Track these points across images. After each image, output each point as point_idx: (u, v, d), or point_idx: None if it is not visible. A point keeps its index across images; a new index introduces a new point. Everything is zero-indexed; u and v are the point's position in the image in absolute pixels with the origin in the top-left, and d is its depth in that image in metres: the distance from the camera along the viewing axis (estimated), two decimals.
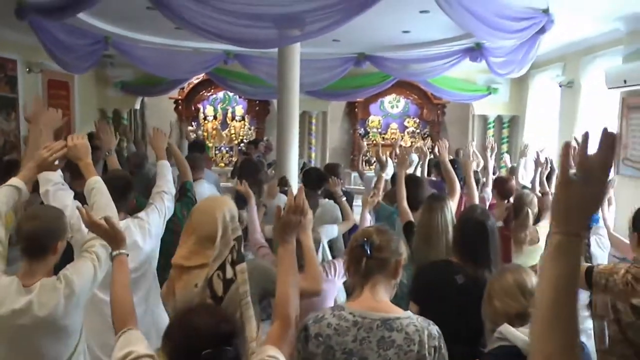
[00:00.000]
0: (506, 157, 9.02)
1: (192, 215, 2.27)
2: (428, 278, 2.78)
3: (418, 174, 5.86)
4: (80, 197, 2.94)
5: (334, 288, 3.36)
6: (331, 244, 4.70)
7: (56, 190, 2.94)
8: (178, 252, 2.22)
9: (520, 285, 2.18)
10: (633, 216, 2.85)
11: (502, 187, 5.05)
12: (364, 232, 2.23)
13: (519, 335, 2.02)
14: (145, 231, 3.20)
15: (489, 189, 5.56)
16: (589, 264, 2.80)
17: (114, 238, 2.29)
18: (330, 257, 4.18)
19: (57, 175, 2.99)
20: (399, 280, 2.21)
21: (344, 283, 3.46)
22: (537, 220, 4.32)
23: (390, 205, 4.57)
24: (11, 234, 2.54)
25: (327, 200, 5.10)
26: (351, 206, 5.59)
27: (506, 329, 2.07)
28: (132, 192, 3.37)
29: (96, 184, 2.76)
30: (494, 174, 6.41)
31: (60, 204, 2.85)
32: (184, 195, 4.03)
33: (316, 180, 5.36)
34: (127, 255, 2.30)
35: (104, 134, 4.26)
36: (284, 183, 5.98)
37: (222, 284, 2.13)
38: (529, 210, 4.17)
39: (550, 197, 4.50)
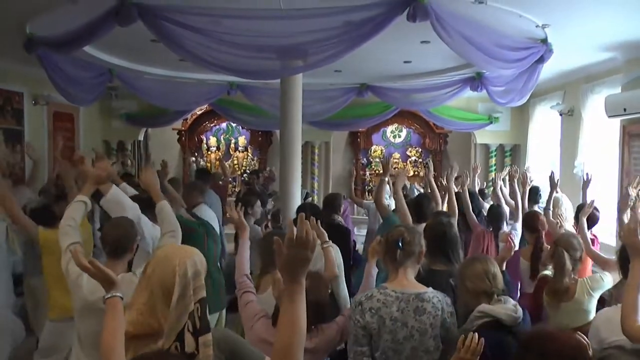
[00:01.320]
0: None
1: (147, 266, 2.01)
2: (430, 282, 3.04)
3: None
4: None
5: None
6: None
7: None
8: (126, 317, 1.94)
9: (487, 270, 2.83)
10: None
11: (530, 221, 4.84)
12: (398, 232, 2.85)
13: (499, 309, 2.69)
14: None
15: (518, 225, 5.06)
16: None
17: (103, 279, 2.18)
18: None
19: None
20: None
21: None
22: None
23: None
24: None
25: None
26: (348, 241, 5.47)
27: (484, 307, 2.72)
28: (134, 244, 3.32)
29: (164, 206, 3.38)
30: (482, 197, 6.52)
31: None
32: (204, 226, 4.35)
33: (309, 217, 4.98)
34: (122, 298, 2.13)
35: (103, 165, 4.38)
36: (276, 219, 5.93)
37: None
38: (564, 253, 3.59)
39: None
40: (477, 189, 6.78)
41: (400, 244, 2.78)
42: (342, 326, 2.98)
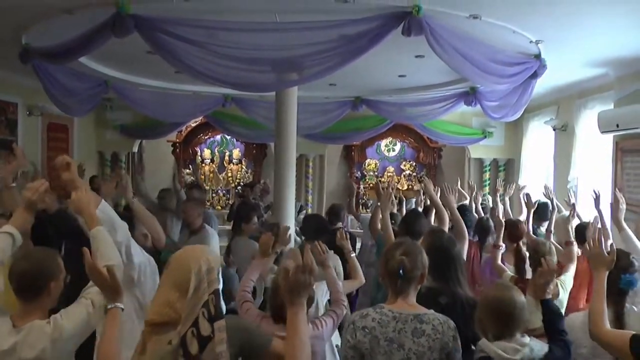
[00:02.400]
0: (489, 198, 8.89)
1: (167, 264, 2.23)
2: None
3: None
4: None
5: (321, 344, 3.28)
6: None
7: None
8: (151, 307, 2.16)
9: (501, 310, 2.61)
10: None
11: (511, 229, 4.86)
12: (397, 260, 2.61)
13: (492, 347, 2.53)
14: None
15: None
16: (635, 333, 2.57)
17: (111, 289, 2.23)
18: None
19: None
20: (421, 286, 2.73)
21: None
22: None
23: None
24: None
25: (332, 253, 4.50)
26: (354, 248, 5.55)
27: (483, 343, 2.59)
28: (50, 285, 2.66)
29: (98, 233, 2.68)
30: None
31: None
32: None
33: (315, 230, 4.96)
34: (122, 309, 2.23)
35: (104, 183, 4.14)
36: (252, 184, 5.94)
37: (196, 342, 2.04)
38: (550, 260, 3.72)
39: (575, 248, 4.32)
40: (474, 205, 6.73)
41: (401, 273, 2.60)
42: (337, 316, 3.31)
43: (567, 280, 4.04)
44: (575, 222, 4.98)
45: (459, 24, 4.60)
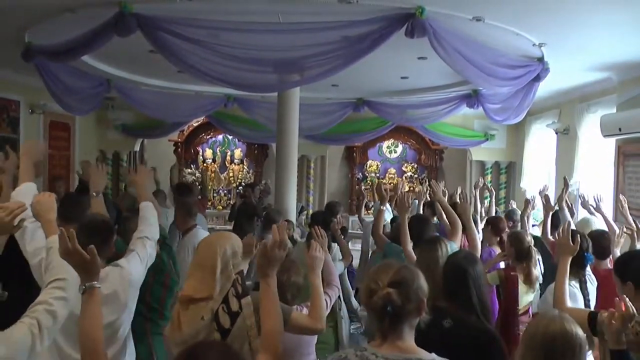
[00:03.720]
0: (512, 202, 8.67)
1: (197, 249, 2.52)
2: (422, 323, 2.29)
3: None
4: None
5: None
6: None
7: (35, 228, 2.73)
8: (186, 285, 2.40)
9: (546, 343, 2.05)
10: (620, 263, 3.05)
11: (495, 224, 5.17)
12: (384, 295, 1.94)
13: None
14: (126, 282, 2.84)
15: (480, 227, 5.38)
16: (591, 310, 2.81)
17: (89, 270, 2.05)
18: (344, 303, 4.54)
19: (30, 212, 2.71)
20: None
21: None
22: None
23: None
24: None
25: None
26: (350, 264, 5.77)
27: None
28: (112, 238, 2.98)
29: (53, 243, 2.39)
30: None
31: (37, 245, 2.69)
32: (163, 243, 3.59)
33: (323, 224, 4.94)
34: (99, 287, 2.08)
35: (93, 175, 3.73)
36: (254, 185, 5.97)
37: (228, 317, 2.30)
38: (531, 246, 4.24)
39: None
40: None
41: (389, 311, 1.95)
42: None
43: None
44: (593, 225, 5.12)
45: (462, 26, 4.59)
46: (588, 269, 3.94)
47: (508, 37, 4.89)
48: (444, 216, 4.63)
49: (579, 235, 3.25)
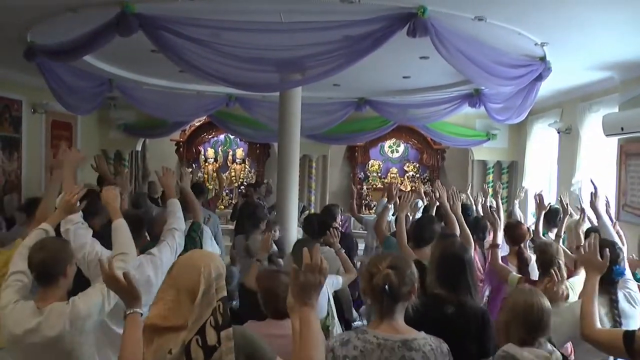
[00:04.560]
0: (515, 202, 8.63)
1: (173, 267, 2.17)
2: (417, 310, 2.59)
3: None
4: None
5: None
6: (337, 295, 4.70)
7: (76, 229, 3.27)
8: (154, 310, 2.06)
9: (537, 311, 2.44)
10: None
11: (512, 232, 4.80)
12: (384, 276, 2.29)
13: (523, 353, 2.35)
14: (157, 267, 3.26)
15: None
16: (626, 330, 2.63)
17: (129, 294, 2.26)
18: (335, 310, 4.26)
19: (78, 216, 3.34)
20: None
21: None
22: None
23: None
24: None
25: (328, 248, 4.88)
26: (355, 251, 5.59)
27: (510, 347, 2.39)
28: (144, 231, 3.66)
29: (118, 225, 3.17)
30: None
31: (80, 242, 3.22)
32: (188, 235, 3.97)
33: (318, 228, 5.20)
34: (142, 315, 2.24)
35: (120, 179, 4.49)
36: (269, 227, 5.93)
37: (202, 352, 1.95)
38: (559, 262, 3.67)
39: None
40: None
41: (386, 289, 2.29)
42: None
43: (576, 282, 3.80)
44: (586, 226, 4.91)
45: (464, 26, 4.59)
46: (633, 285, 3.43)
47: (510, 36, 4.89)
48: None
49: (607, 249, 2.95)
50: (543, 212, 5.30)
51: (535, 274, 4.36)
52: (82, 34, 4.67)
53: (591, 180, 4.67)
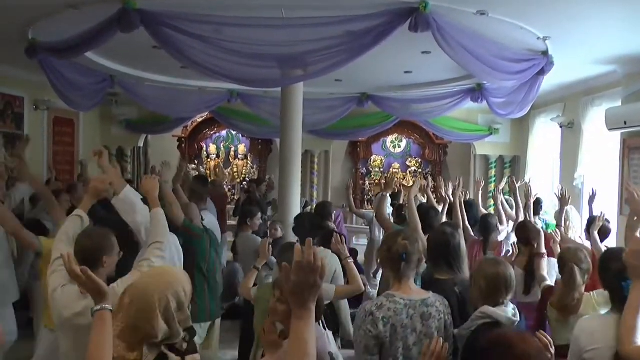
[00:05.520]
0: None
1: (124, 295, 2.00)
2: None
3: None
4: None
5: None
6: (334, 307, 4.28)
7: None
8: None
9: (505, 276, 2.90)
10: None
11: (523, 232, 4.60)
12: (401, 245, 2.84)
13: (500, 312, 2.79)
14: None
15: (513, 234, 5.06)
16: None
17: (92, 290, 2.18)
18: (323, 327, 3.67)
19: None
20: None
21: None
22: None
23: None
24: None
25: (321, 248, 4.34)
26: (355, 262, 5.33)
27: (486, 309, 2.81)
28: (103, 258, 3.13)
29: (156, 214, 3.30)
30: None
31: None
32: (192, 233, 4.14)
33: (310, 228, 4.85)
34: (111, 311, 2.12)
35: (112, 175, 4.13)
36: (271, 227, 5.91)
37: None
38: (575, 268, 3.38)
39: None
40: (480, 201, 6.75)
41: (404, 257, 2.82)
42: None
43: (600, 295, 3.34)
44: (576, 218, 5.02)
45: (466, 20, 4.58)
46: None
47: (512, 30, 4.87)
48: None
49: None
50: (532, 200, 5.54)
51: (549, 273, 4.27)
52: (83, 30, 4.67)
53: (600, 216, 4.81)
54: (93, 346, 2.02)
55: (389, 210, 6.00)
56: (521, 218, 5.40)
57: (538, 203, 6.12)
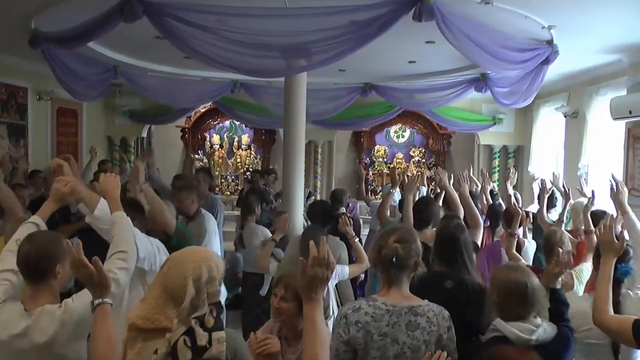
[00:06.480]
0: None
1: (165, 264, 2.00)
2: (421, 285, 2.79)
3: None
4: None
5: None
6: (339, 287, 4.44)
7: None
8: (137, 309, 1.95)
9: (523, 288, 2.51)
10: None
11: (511, 217, 4.73)
12: (391, 248, 2.49)
13: (508, 327, 2.46)
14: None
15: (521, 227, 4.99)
16: (637, 318, 2.59)
17: (98, 284, 2.07)
18: (334, 302, 4.12)
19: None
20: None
21: None
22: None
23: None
24: None
25: (331, 236, 4.53)
26: (358, 234, 5.52)
27: (498, 322, 2.52)
28: (55, 268, 2.81)
29: (118, 219, 2.73)
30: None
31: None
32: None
33: (322, 215, 5.08)
34: (112, 305, 2.09)
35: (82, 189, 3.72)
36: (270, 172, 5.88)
37: (190, 353, 1.83)
38: (561, 248, 3.52)
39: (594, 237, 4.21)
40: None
41: (394, 260, 2.49)
42: None
43: (583, 270, 3.82)
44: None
45: (470, 10, 4.55)
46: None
47: (517, 19, 4.84)
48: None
49: (622, 232, 2.97)
50: (546, 197, 5.30)
51: (527, 258, 4.55)
52: (86, 20, 4.66)
53: (613, 176, 4.46)
54: (99, 342, 1.98)
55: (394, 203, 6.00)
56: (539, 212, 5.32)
57: (553, 196, 5.81)
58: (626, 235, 3.71)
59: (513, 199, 5.47)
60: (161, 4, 4.40)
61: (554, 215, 5.64)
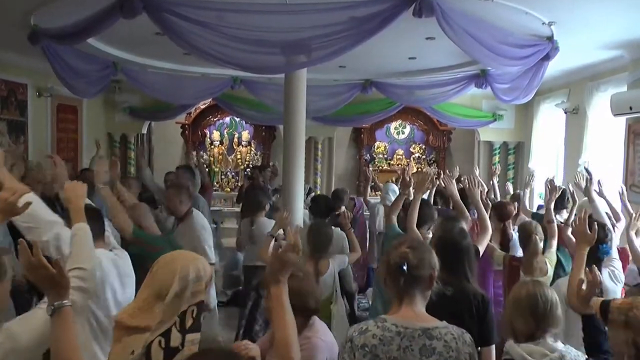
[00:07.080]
0: (508, 185, 8.41)
1: (154, 265, 1.97)
2: None
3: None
4: None
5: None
6: (341, 273, 4.83)
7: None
8: (125, 308, 1.92)
9: (532, 305, 2.45)
10: None
11: (500, 210, 5.01)
12: (400, 253, 2.25)
13: (518, 350, 2.36)
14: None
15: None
16: (603, 299, 2.68)
17: (58, 284, 1.89)
18: (339, 287, 4.51)
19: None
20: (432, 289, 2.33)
21: None
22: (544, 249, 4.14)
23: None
24: None
25: (336, 229, 4.99)
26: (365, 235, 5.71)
27: (509, 344, 2.43)
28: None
29: (79, 231, 2.47)
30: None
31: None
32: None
33: (325, 209, 5.60)
34: (70, 306, 1.91)
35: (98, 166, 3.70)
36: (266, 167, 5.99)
37: (162, 354, 1.79)
38: (537, 238, 4.03)
39: (555, 225, 4.39)
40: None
41: (404, 269, 2.22)
42: None
43: (552, 253, 4.21)
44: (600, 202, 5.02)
45: (471, 6, 4.54)
46: (618, 264, 3.76)
47: (517, 15, 4.83)
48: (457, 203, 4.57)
49: (596, 224, 3.12)
50: (554, 197, 5.13)
51: (516, 251, 4.66)
52: (85, 16, 4.65)
53: (585, 168, 4.86)
54: (63, 349, 1.86)
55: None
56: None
57: (563, 196, 5.47)
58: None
59: (493, 193, 5.65)
60: (161, 0, 4.39)
61: (563, 215, 5.54)
